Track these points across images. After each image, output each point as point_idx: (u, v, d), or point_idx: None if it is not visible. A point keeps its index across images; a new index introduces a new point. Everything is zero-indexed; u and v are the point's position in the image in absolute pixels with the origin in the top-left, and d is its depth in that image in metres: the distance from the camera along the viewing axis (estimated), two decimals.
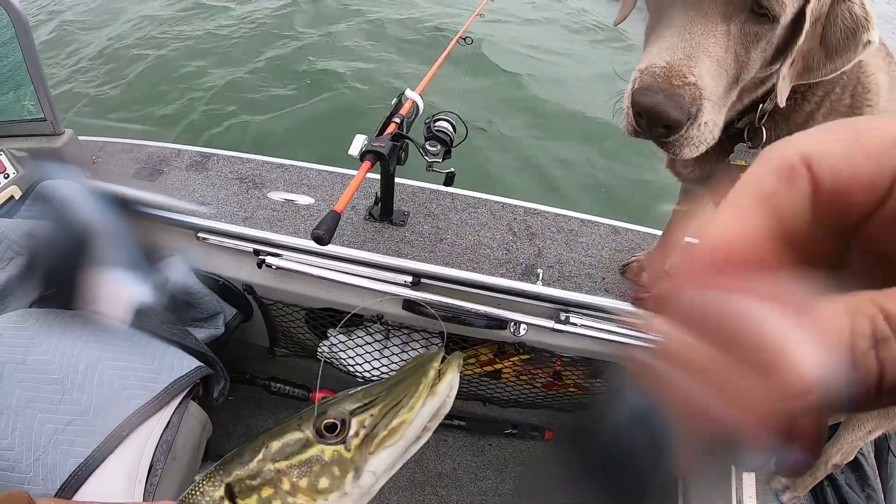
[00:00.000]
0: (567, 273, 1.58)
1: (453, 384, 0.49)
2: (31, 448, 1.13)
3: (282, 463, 0.45)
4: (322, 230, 1.26)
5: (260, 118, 3.98)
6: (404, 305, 1.54)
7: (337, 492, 0.44)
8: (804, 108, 1.08)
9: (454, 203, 1.72)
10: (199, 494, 0.46)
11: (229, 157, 1.89)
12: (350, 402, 0.48)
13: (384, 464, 0.46)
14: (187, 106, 4.10)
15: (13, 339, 1.27)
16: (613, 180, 3.54)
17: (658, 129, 0.88)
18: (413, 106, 1.58)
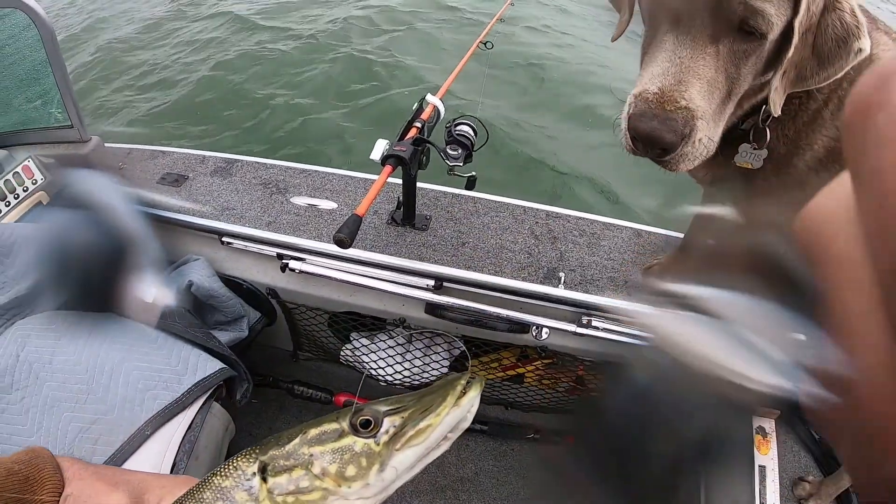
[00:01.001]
0: (589, 276, 1.57)
1: (475, 402, 0.54)
2: (56, 446, 1.15)
3: (316, 448, 0.49)
4: (344, 234, 1.27)
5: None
6: (426, 309, 1.54)
7: (361, 481, 0.48)
8: (810, 107, 1.08)
9: (476, 207, 1.72)
10: (233, 469, 0.50)
11: (253, 162, 1.91)
12: (384, 405, 0.52)
13: (407, 462, 0.50)
14: None
15: (40, 340, 1.30)
16: (633, 182, 3.52)
17: (655, 151, 0.93)
18: (434, 110, 1.59)
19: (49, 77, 1.61)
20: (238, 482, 0.49)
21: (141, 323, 1.41)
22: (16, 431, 1.15)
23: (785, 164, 1.14)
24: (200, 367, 1.41)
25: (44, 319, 1.34)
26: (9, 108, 1.69)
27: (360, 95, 4.32)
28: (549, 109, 4.18)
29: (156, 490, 0.52)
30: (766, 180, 1.18)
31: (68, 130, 1.69)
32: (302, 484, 0.48)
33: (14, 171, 1.57)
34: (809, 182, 1.14)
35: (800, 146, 1.11)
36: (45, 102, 1.68)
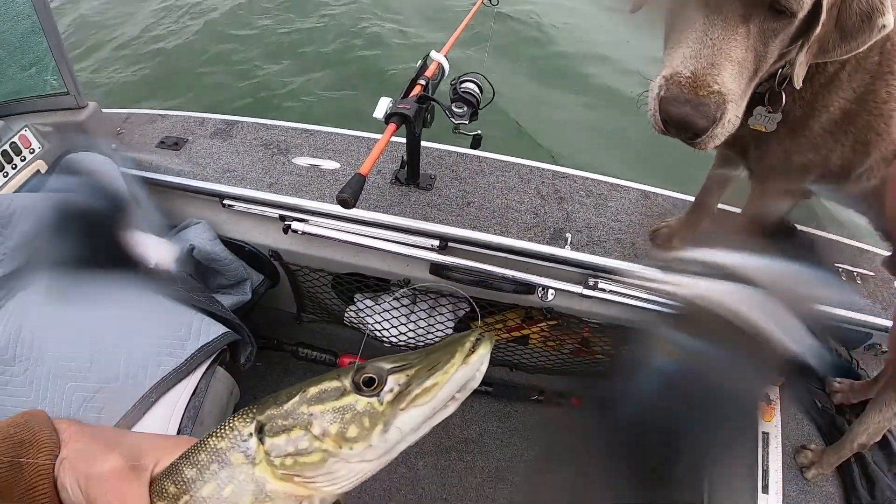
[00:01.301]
0: (596, 238, 1.55)
1: (484, 359, 0.50)
2: (62, 416, 1.13)
3: (316, 407, 0.47)
4: (347, 193, 1.25)
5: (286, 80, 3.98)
6: (431, 270, 1.53)
7: (363, 442, 0.46)
8: (827, 70, 1.06)
9: (481, 166, 1.70)
10: (229, 429, 0.48)
11: (253, 123, 1.88)
12: (388, 362, 0.50)
13: (412, 422, 0.47)
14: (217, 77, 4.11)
15: (42, 311, 1.29)
16: (643, 142, 3.48)
17: (687, 135, 0.93)
18: (438, 68, 1.55)
19: (42, 44, 1.58)
20: (234, 443, 0.47)
21: (143, 289, 1.40)
22: (20, 403, 1.15)
23: (800, 126, 1.12)
24: (204, 331, 1.40)
25: (45, 290, 1.32)
26: (3, 78, 1.65)
27: (357, 52, 4.24)
28: (553, 71, 4.11)
29: (153, 452, 0.51)
30: (780, 143, 1.16)
31: (64, 97, 1.65)
32: (301, 445, 0.46)
33: (11, 140, 1.55)
34: (824, 144, 1.13)
35: (816, 108, 1.10)
36: (40, 70, 1.64)
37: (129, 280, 1.42)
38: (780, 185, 1.26)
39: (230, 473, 0.46)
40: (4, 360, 1.19)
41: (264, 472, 0.46)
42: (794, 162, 1.17)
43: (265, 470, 0.46)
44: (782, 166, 1.20)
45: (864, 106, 1.06)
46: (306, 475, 0.46)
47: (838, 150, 1.13)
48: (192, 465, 0.47)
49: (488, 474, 1.82)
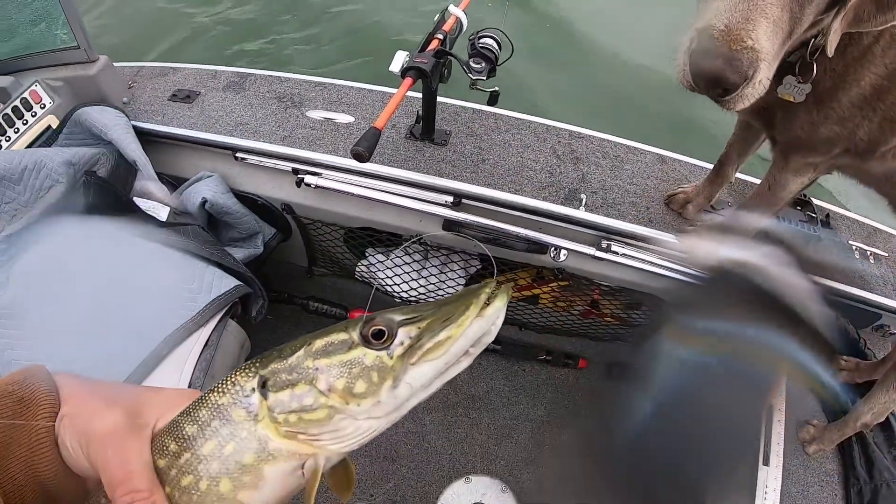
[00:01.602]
0: (611, 200, 1.54)
1: (500, 312, 0.47)
2: (74, 369, 1.14)
3: (321, 361, 0.45)
4: (362, 147, 1.24)
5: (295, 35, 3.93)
6: (444, 226, 1.52)
7: (371, 398, 0.44)
8: (861, 42, 1.03)
9: (497, 123, 1.68)
10: (231, 384, 0.46)
11: (267, 76, 1.86)
12: (399, 313, 0.47)
13: (423, 378, 0.45)
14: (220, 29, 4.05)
15: (55, 266, 1.29)
16: (664, 108, 3.44)
17: (716, 90, 0.89)
18: (456, 22, 1.52)
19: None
20: (236, 399, 0.45)
21: (155, 242, 1.41)
22: (34, 357, 1.15)
23: (829, 98, 1.10)
24: (216, 284, 1.41)
25: (56, 245, 1.33)
26: (13, 33, 1.64)
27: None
28: (575, 27, 4.04)
29: (155, 405, 0.49)
30: (808, 113, 1.14)
31: (75, 51, 1.63)
32: (305, 401, 0.44)
33: (21, 96, 1.54)
34: (851, 118, 1.11)
35: (847, 81, 1.07)
36: (50, 24, 1.62)
37: (140, 233, 1.43)
38: (803, 158, 1.25)
39: (231, 430, 0.44)
40: (17, 314, 1.20)
41: (267, 429, 0.44)
42: (821, 134, 1.15)
43: (268, 427, 0.44)
44: (808, 138, 1.18)
45: (895, 82, 1.05)
46: (311, 432, 0.44)
47: (865, 126, 1.11)
48: (192, 421, 0.45)
49: (493, 431, 1.85)
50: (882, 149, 1.14)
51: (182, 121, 1.70)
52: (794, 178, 1.29)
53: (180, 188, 1.65)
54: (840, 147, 1.18)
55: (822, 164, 1.25)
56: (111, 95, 1.70)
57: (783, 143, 1.26)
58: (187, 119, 1.70)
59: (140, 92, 1.83)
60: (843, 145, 1.17)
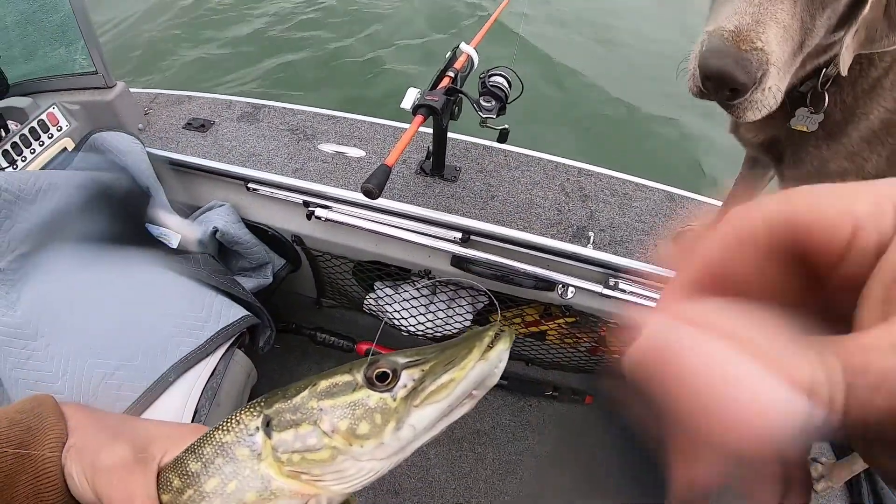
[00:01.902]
0: (619, 238, 1.55)
1: (503, 356, 0.48)
2: (81, 392, 1.16)
3: (325, 402, 0.45)
4: (372, 184, 1.26)
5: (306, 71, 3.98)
6: (453, 262, 1.53)
7: (374, 439, 0.44)
8: (871, 74, 1.04)
9: (507, 160, 1.70)
10: (236, 423, 0.46)
11: (280, 108, 1.89)
12: (403, 356, 0.47)
13: (426, 420, 0.45)
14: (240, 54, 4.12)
15: (65, 287, 1.30)
16: (670, 145, 3.46)
17: (724, 93, 0.89)
18: (467, 60, 1.54)
19: (73, 23, 1.59)
20: (240, 437, 0.45)
21: (165, 269, 1.42)
22: (42, 378, 1.16)
23: (838, 132, 1.11)
24: (224, 314, 1.42)
25: (68, 268, 1.33)
26: (33, 56, 1.67)
27: (385, 42, 4.23)
28: (585, 63, 4.08)
29: (162, 441, 0.49)
30: (817, 148, 1.14)
31: (93, 76, 1.67)
32: (309, 441, 0.44)
33: (39, 118, 1.56)
34: (860, 153, 1.11)
35: (856, 114, 1.08)
36: (69, 48, 1.66)
37: (151, 260, 1.44)
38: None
39: (235, 469, 0.45)
40: (27, 334, 1.20)
41: (270, 469, 0.44)
42: (830, 169, 1.16)
43: (271, 466, 0.44)
44: (817, 173, 1.18)
45: None
46: (314, 473, 0.44)
47: (874, 160, 1.11)
48: (197, 458, 0.46)
49: (498, 467, 1.83)
50: None
51: (196, 149, 1.72)
52: None
53: (192, 216, 1.67)
54: (850, 181, 1.17)
55: None
56: (127, 121, 1.73)
57: (792, 179, 1.25)
58: (201, 148, 1.73)
59: (155, 119, 1.86)
60: (851, 180, 1.16)
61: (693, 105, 3.60)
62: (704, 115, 3.43)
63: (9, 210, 1.34)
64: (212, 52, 4.25)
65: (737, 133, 1.29)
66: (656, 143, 3.49)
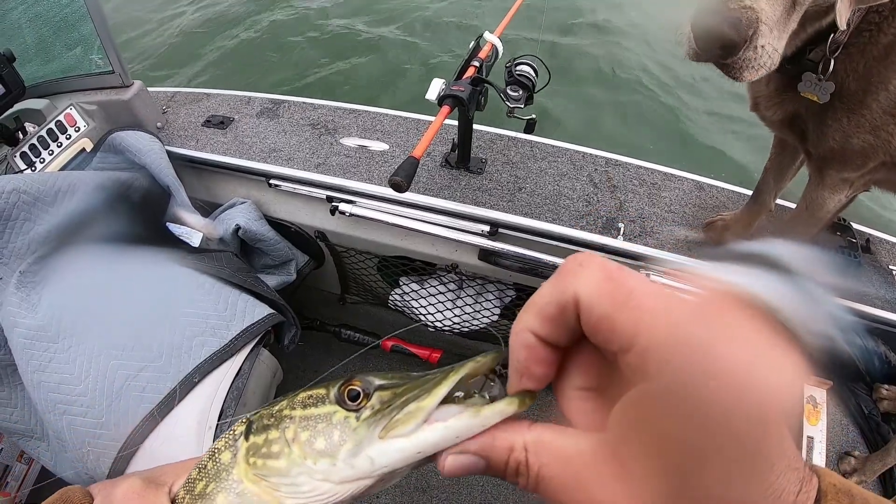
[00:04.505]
0: (648, 228, 1.51)
1: (496, 418, 0.36)
2: (105, 394, 1.15)
3: (297, 411, 0.44)
4: (400, 177, 1.23)
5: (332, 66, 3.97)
6: (480, 255, 1.50)
7: (328, 459, 0.40)
8: (880, 41, 1.02)
9: (533, 151, 1.66)
10: (230, 431, 0.48)
11: (300, 103, 1.86)
12: (381, 378, 0.43)
13: (386, 458, 0.38)
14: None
15: (87, 288, 1.29)
16: (701, 132, 3.41)
17: (716, 51, 0.91)
18: (492, 49, 1.51)
19: (88, 23, 1.58)
20: (227, 442, 0.46)
21: (188, 267, 1.41)
22: (64, 380, 1.15)
23: (857, 103, 1.08)
24: (248, 312, 1.40)
25: (89, 269, 1.33)
26: (49, 57, 1.66)
27: (402, 34, 4.21)
28: (611, 51, 4.05)
29: (170, 472, 0.50)
30: (838, 121, 1.11)
31: (110, 76, 1.66)
32: (273, 447, 0.43)
33: (56, 119, 1.56)
34: (884, 126, 1.08)
35: (871, 83, 1.05)
36: (86, 49, 1.65)
37: (173, 259, 1.42)
38: (838, 173, 1.21)
39: (216, 471, 0.45)
40: (48, 336, 1.19)
41: (240, 472, 0.44)
42: (853, 145, 1.12)
43: (242, 469, 0.44)
44: (841, 149, 1.15)
45: None
46: (272, 480, 0.43)
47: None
48: (197, 466, 0.47)
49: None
50: None
51: (216, 146, 1.71)
52: (831, 195, 1.25)
53: (213, 214, 1.65)
54: (875, 160, 1.14)
55: (857, 179, 1.21)
56: (145, 120, 1.71)
57: (817, 158, 1.23)
58: (221, 145, 1.71)
59: (174, 117, 1.85)
60: (879, 158, 1.13)
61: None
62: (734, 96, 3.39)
63: (28, 212, 1.33)
64: (229, 51, 4.24)
65: (758, 111, 1.27)
66: (684, 127, 3.45)
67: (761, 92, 1.23)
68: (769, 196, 1.49)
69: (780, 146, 1.43)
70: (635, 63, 3.94)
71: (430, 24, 4.31)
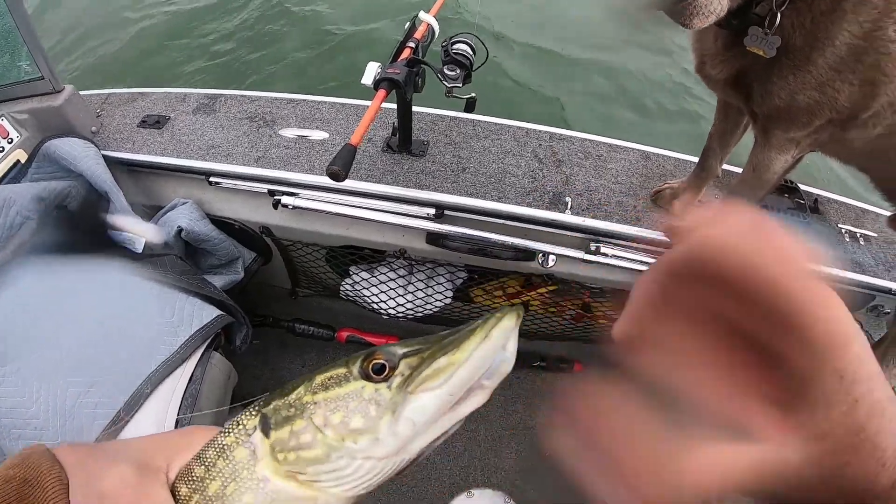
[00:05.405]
0: (596, 201, 1.51)
1: (510, 334, 0.41)
2: (58, 413, 1.12)
3: (319, 395, 0.42)
4: (338, 165, 1.21)
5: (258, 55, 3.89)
6: (428, 239, 1.49)
7: (369, 434, 0.40)
8: None
9: (476, 130, 1.65)
10: (235, 424, 0.44)
11: (238, 96, 1.81)
12: (403, 346, 0.44)
13: (425, 412, 0.40)
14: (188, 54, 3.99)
15: (30, 306, 1.24)
16: (646, 102, 3.43)
17: None
18: (428, 29, 1.49)
19: (12, 29, 1.50)
20: (239, 438, 0.43)
21: (132, 275, 1.36)
22: (16, 404, 1.11)
23: (803, 59, 1.08)
24: (196, 316, 1.37)
25: (31, 284, 1.28)
26: None
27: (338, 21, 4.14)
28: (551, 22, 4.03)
29: (161, 450, 0.47)
30: (784, 78, 1.11)
31: (39, 82, 1.58)
32: (303, 438, 0.41)
33: None
34: (830, 83, 1.08)
35: (818, 39, 1.05)
36: (13, 56, 1.57)
37: (116, 267, 1.38)
38: (784, 133, 1.21)
39: (233, 471, 0.43)
40: None
41: (267, 469, 0.42)
42: (800, 102, 1.13)
43: (268, 466, 0.42)
44: (787, 107, 1.15)
45: (873, 44, 1.02)
46: (310, 472, 0.41)
47: (845, 91, 1.07)
48: (201, 462, 0.44)
49: (492, 443, 1.81)
50: (863, 115, 1.10)
51: (153, 147, 1.65)
52: (778, 156, 1.26)
53: (155, 217, 1.60)
54: (822, 118, 1.14)
55: (804, 138, 1.21)
56: (79, 125, 1.64)
57: (763, 117, 1.23)
58: (158, 145, 1.65)
59: (109, 120, 1.78)
60: (826, 115, 1.13)
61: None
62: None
63: None
64: (155, 49, 4.12)
65: (703, 72, 1.26)
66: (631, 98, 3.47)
67: (708, 49, 1.21)
68: (715, 161, 1.50)
69: (724, 111, 1.44)
70: (583, 37, 3.94)
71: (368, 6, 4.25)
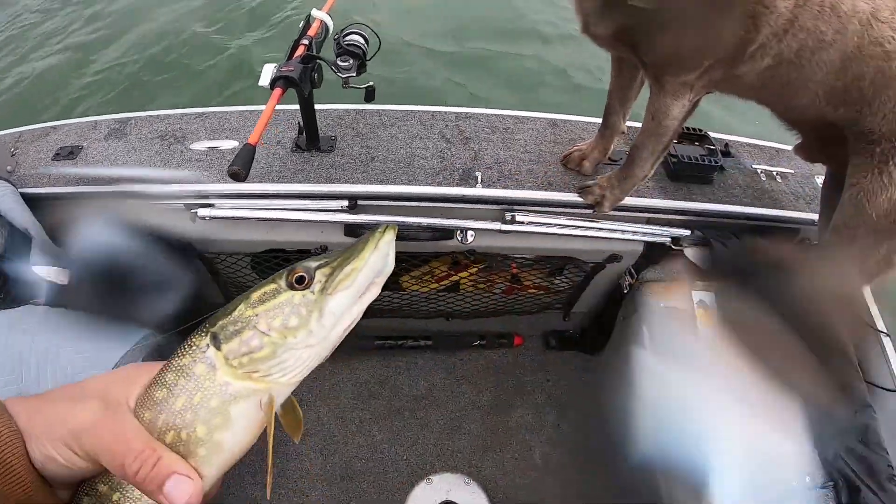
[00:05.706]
0: (507, 172, 1.54)
1: (390, 245, 0.58)
2: None
3: (259, 308, 0.54)
4: (238, 165, 1.22)
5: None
6: (346, 231, 1.50)
7: (304, 329, 0.53)
8: None
9: (381, 119, 1.66)
10: (188, 346, 0.53)
11: (146, 117, 1.80)
12: (314, 261, 0.57)
13: (341, 305, 0.55)
14: None
15: None
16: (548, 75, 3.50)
17: None
18: (321, 25, 1.51)
19: None
20: (195, 357, 0.52)
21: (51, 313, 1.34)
22: None
23: (683, 5, 1.11)
24: (125, 338, 1.36)
25: None
26: None
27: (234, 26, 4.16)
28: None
29: (115, 385, 0.52)
30: (667, 26, 1.14)
31: None
32: (253, 343, 0.52)
33: None
34: (714, 24, 1.11)
35: None
36: None
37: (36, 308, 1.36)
38: (675, 77, 1.23)
39: (196, 383, 0.51)
40: None
41: (226, 375, 0.51)
42: (686, 47, 1.16)
43: (227, 373, 0.51)
44: (675, 53, 1.18)
45: None
46: (261, 369, 0.52)
47: (728, 28, 1.10)
48: (161, 385, 0.51)
49: (444, 427, 1.83)
50: (750, 49, 1.13)
51: (69, 179, 1.63)
52: (674, 101, 1.28)
53: (70, 245, 1.58)
54: (709, 58, 1.17)
55: (696, 81, 1.24)
56: None
57: (653, 66, 1.26)
58: (74, 176, 1.64)
59: (24, 158, 1.75)
60: (712, 55, 1.16)
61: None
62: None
63: None
64: (60, 83, 4.06)
65: (588, 32, 1.27)
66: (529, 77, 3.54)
67: (589, 8, 1.23)
68: (618, 118, 1.54)
69: (618, 67, 1.47)
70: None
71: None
